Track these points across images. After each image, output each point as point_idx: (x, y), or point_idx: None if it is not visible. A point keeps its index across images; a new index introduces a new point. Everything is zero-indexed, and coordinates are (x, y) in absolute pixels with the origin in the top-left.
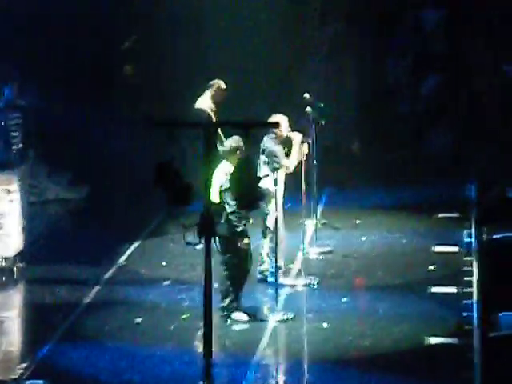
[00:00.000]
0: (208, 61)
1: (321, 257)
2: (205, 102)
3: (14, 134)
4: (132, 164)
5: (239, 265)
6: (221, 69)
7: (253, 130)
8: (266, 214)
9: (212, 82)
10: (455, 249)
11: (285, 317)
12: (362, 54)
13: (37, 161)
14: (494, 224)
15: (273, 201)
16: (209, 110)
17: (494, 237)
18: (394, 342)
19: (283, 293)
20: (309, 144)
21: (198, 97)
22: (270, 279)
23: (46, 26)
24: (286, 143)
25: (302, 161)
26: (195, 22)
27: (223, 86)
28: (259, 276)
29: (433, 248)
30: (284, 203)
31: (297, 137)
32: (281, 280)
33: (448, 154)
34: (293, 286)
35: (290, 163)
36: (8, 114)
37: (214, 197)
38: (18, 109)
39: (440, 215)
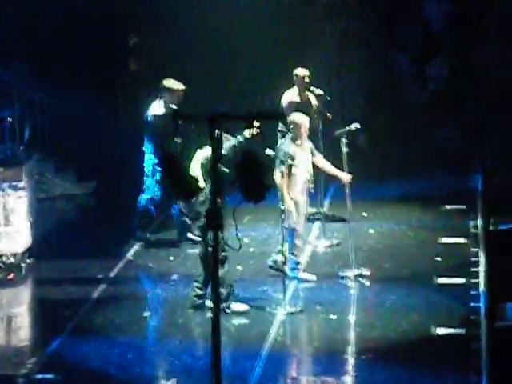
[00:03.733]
0: (214, 52)
1: (329, 250)
2: (292, 96)
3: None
4: (138, 159)
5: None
6: (229, 58)
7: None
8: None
9: (295, 73)
10: (462, 240)
11: (293, 309)
12: (365, 46)
13: (43, 156)
14: (501, 215)
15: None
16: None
17: (501, 227)
18: (402, 333)
19: (291, 285)
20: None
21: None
22: (290, 274)
23: (49, 21)
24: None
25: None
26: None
27: (302, 73)
28: (271, 263)
29: (440, 239)
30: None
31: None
32: (300, 275)
33: (453, 147)
34: (311, 281)
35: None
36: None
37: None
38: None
39: (447, 207)
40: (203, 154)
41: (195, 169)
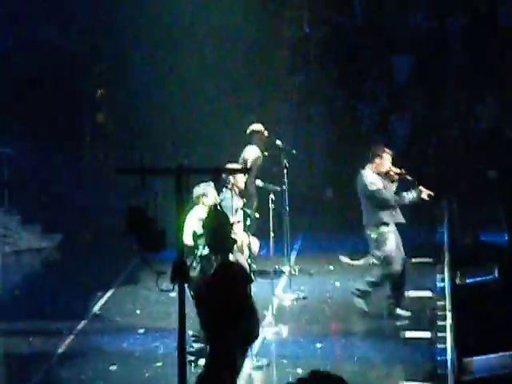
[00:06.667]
0: (179, 108)
1: (295, 303)
2: (253, 152)
3: None
4: (103, 212)
5: None
6: (191, 112)
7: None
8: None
9: (254, 129)
10: (429, 293)
11: (259, 363)
12: (333, 100)
13: (8, 210)
14: (467, 268)
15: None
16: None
17: (468, 281)
18: None
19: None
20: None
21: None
22: None
23: (15, 77)
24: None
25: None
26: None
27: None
28: None
29: (406, 293)
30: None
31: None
32: None
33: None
34: None
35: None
36: None
37: (187, 240)
38: None
39: (413, 260)
40: (201, 210)
41: (190, 224)
